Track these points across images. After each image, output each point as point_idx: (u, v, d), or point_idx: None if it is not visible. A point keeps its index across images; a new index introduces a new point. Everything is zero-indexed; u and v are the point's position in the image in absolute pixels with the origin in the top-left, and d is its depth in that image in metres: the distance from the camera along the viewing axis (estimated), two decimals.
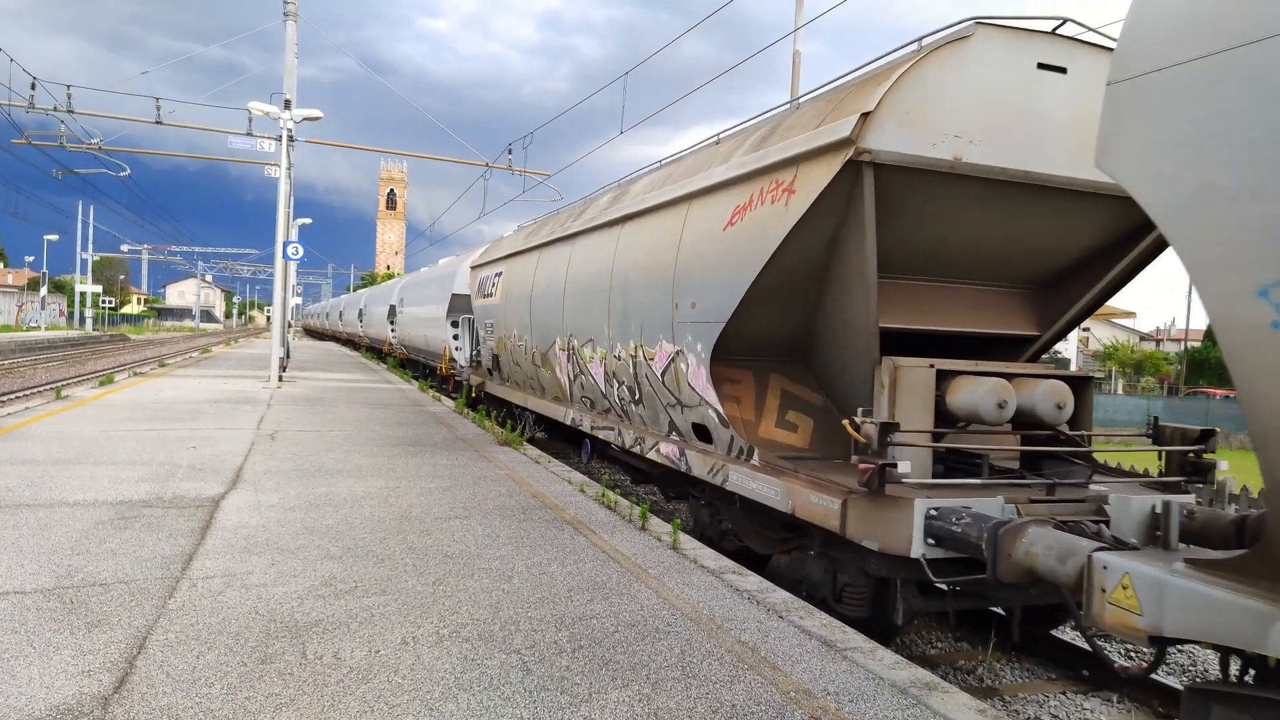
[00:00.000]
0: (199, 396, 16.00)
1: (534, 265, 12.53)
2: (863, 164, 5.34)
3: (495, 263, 15.42)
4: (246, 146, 21.12)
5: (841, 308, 6.24)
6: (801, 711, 3.67)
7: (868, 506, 5.13)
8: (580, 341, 10.28)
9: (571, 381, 10.92)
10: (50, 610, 4.43)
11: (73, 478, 7.83)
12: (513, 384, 14.66)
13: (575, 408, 11.04)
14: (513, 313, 13.54)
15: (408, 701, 3.57)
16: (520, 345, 13.25)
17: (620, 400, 9.32)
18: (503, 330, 14.40)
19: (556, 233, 11.66)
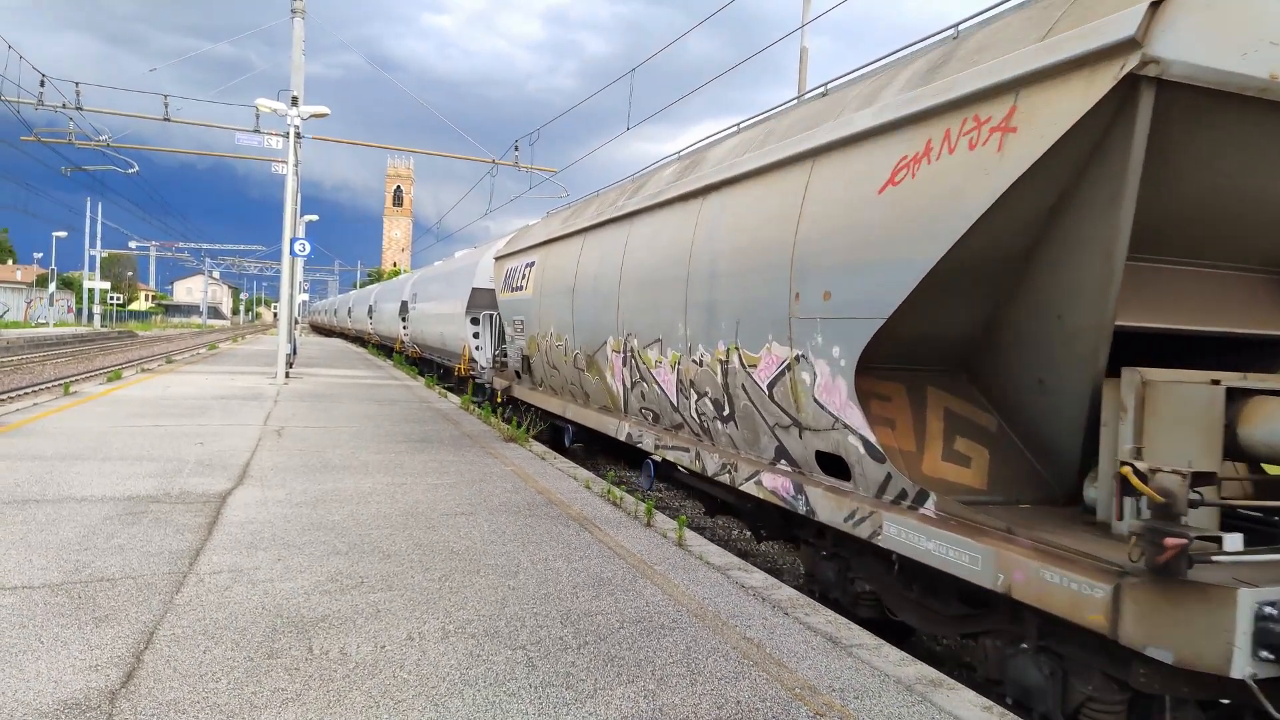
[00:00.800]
0: (206, 392, 16.06)
1: (576, 252, 10.78)
2: (1143, 81, 3.68)
3: (525, 252, 13.62)
4: (254, 143, 21.17)
5: (1053, 298, 4.51)
6: (807, 708, 3.67)
7: (1158, 599, 3.43)
8: (642, 342, 8.57)
9: (628, 390, 9.25)
10: (58, 605, 4.45)
11: (81, 473, 7.86)
12: (547, 389, 12.86)
13: (631, 421, 9.32)
14: (548, 308, 11.87)
15: (413, 697, 3.58)
16: (558, 346, 11.53)
17: (700, 416, 7.51)
18: (535, 328, 12.68)
19: (606, 213, 9.83)
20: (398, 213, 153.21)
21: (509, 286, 14.49)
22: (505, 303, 14.76)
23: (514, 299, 14.07)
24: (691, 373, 7.51)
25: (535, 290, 12.59)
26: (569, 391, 11.67)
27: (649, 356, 8.45)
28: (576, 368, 10.88)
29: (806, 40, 15.96)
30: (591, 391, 10.59)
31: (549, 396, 12.63)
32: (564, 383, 11.78)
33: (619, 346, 9.27)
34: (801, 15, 15.85)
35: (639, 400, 9.04)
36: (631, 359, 8.90)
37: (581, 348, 10.53)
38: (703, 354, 7.25)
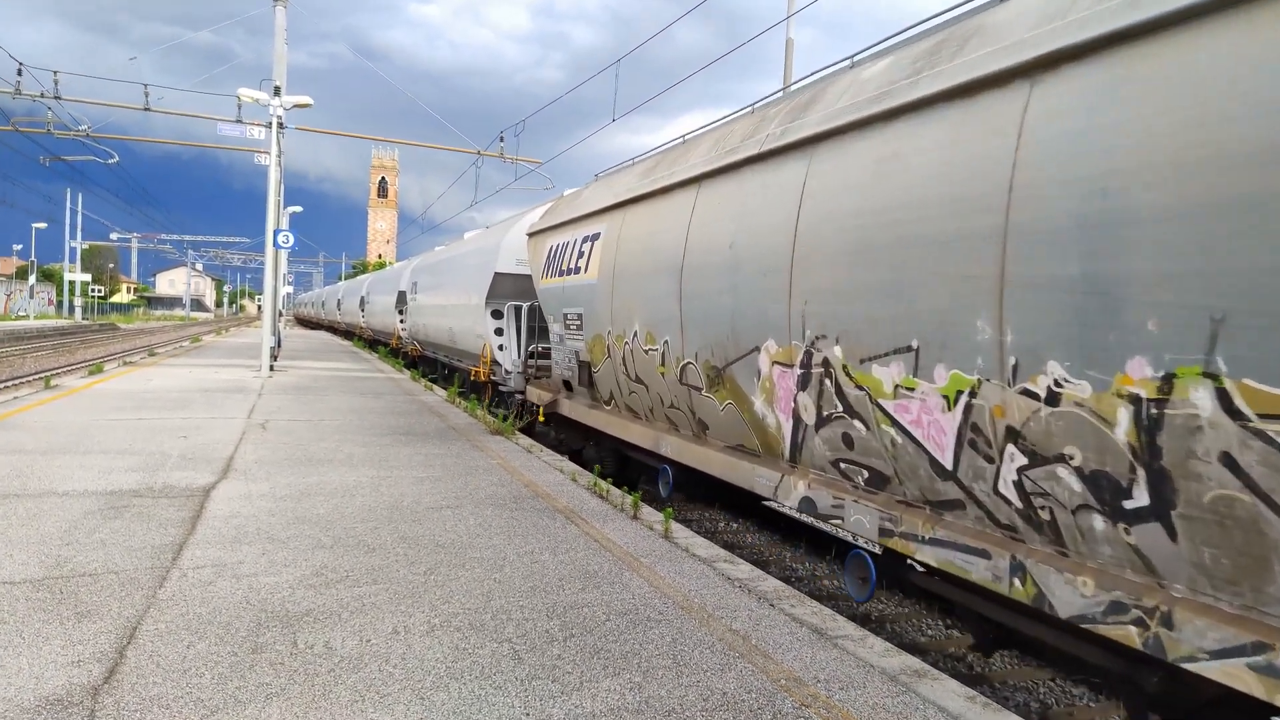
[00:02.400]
0: (189, 385, 15.94)
1: (684, 212, 7.56)
2: None
3: (581, 222, 10.41)
4: (236, 134, 20.99)
5: None
6: (792, 699, 3.69)
7: None
8: (856, 351, 5.27)
9: (806, 426, 5.96)
10: (39, 601, 4.41)
11: (62, 467, 7.79)
12: (621, 410, 9.64)
13: (811, 478, 6.05)
14: (628, 296, 8.73)
15: (399, 691, 3.58)
16: (649, 351, 8.31)
17: (1037, 494, 4.19)
18: (602, 324, 9.50)
19: (748, 147, 6.59)
20: (383, 204, 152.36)
21: (554, 269, 11.08)
22: (549, 291, 11.31)
23: (563, 285, 10.68)
24: (1017, 413, 4.18)
25: (602, 272, 9.38)
26: (666, 418, 8.42)
27: (875, 377, 5.12)
28: (686, 384, 7.66)
29: (792, 32, 15.95)
30: (715, 421, 7.36)
31: (627, 421, 9.40)
32: (655, 404, 8.54)
33: (790, 356, 5.99)
34: (787, 7, 15.84)
35: (833, 446, 5.70)
36: (824, 378, 5.63)
37: (697, 355, 7.32)
38: (1062, 380, 3.92)
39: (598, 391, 10.15)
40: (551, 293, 11.20)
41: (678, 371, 7.76)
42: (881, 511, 5.29)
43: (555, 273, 11.06)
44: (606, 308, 9.32)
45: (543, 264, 11.66)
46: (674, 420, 8.27)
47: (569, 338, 10.75)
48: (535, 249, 12.27)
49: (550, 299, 11.29)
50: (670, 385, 8.01)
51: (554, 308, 11.15)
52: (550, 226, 11.54)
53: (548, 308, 11.48)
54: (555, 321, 11.20)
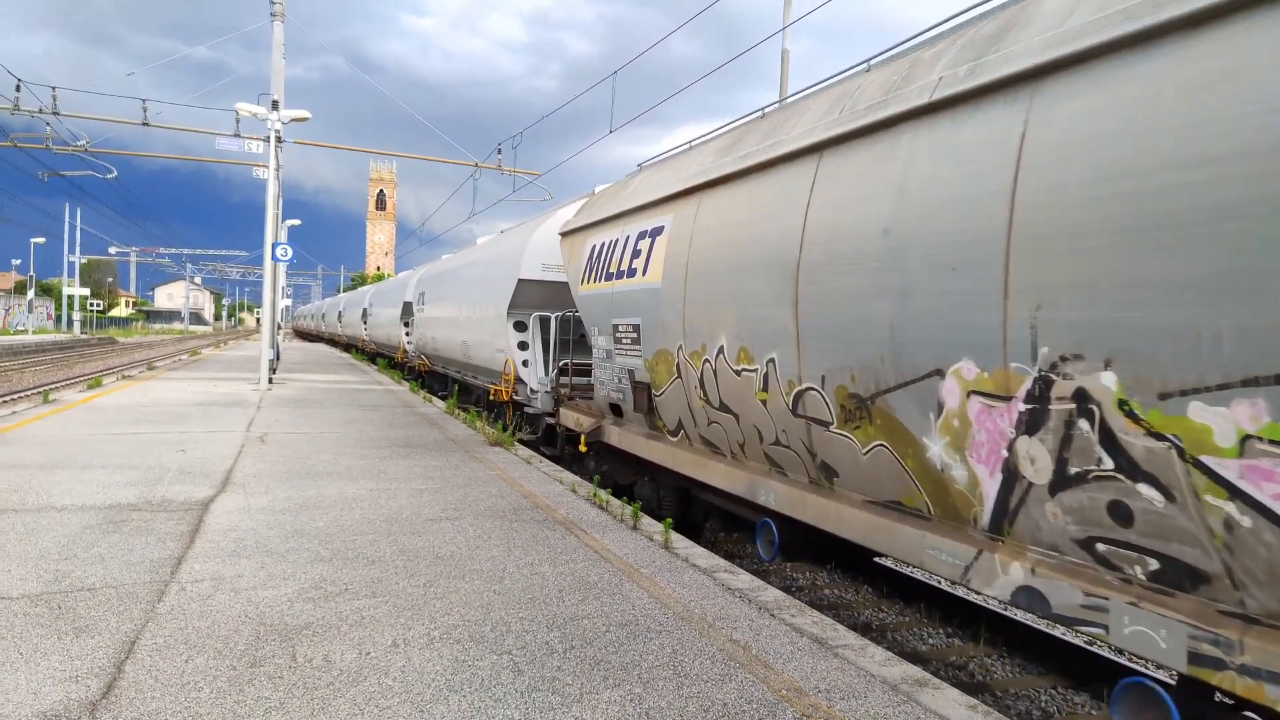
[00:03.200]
0: (188, 399, 15.92)
1: (798, 193, 5.85)
2: None
3: (635, 215, 8.67)
4: (234, 148, 21.05)
5: None
6: (793, 710, 3.68)
7: None
8: (1151, 386, 3.54)
9: (1028, 486, 4.23)
10: (37, 616, 4.39)
11: (60, 482, 7.77)
12: (697, 444, 7.78)
13: (1032, 561, 4.27)
14: (706, 302, 7.01)
15: (398, 704, 3.56)
16: (740, 372, 6.59)
17: None
18: (667, 336, 7.78)
19: (920, 95, 4.87)
20: (381, 216, 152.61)
21: (599, 273, 9.31)
22: (592, 298, 9.50)
23: (612, 291, 8.91)
24: None
25: (669, 273, 7.64)
26: (765, 457, 6.58)
27: (1195, 422, 3.39)
28: (803, 416, 5.85)
29: (788, 42, 16.03)
30: (852, 468, 5.55)
31: (702, 457, 7.53)
32: (748, 439, 6.72)
33: (1005, 384, 4.25)
34: (783, 17, 15.93)
35: (1087, 519, 3.93)
36: (1075, 419, 3.90)
37: (824, 379, 5.56)
38: None
39: (659, 419, 8.31)
40: (595, 300, 9.36)
41: (788, 399, 5.90)
42: (1194, 626, 3.46)
43: (600, 276, 9.28)
44: (676, 317, 7.53)
45: (582, 267, 9.77)
46: (778, 461, 6.35)
47: (620, 353, 8.86)
48: (572, 250, 10.44)
49: (593, 307, 9.46)
50: (776, 416, 6.13)
51: (599, 317, 9.30)
52: (592, 223, 9.77)
53: (590, 317, 9.65)
54: (601, 334, 9.34)
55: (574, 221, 10.54)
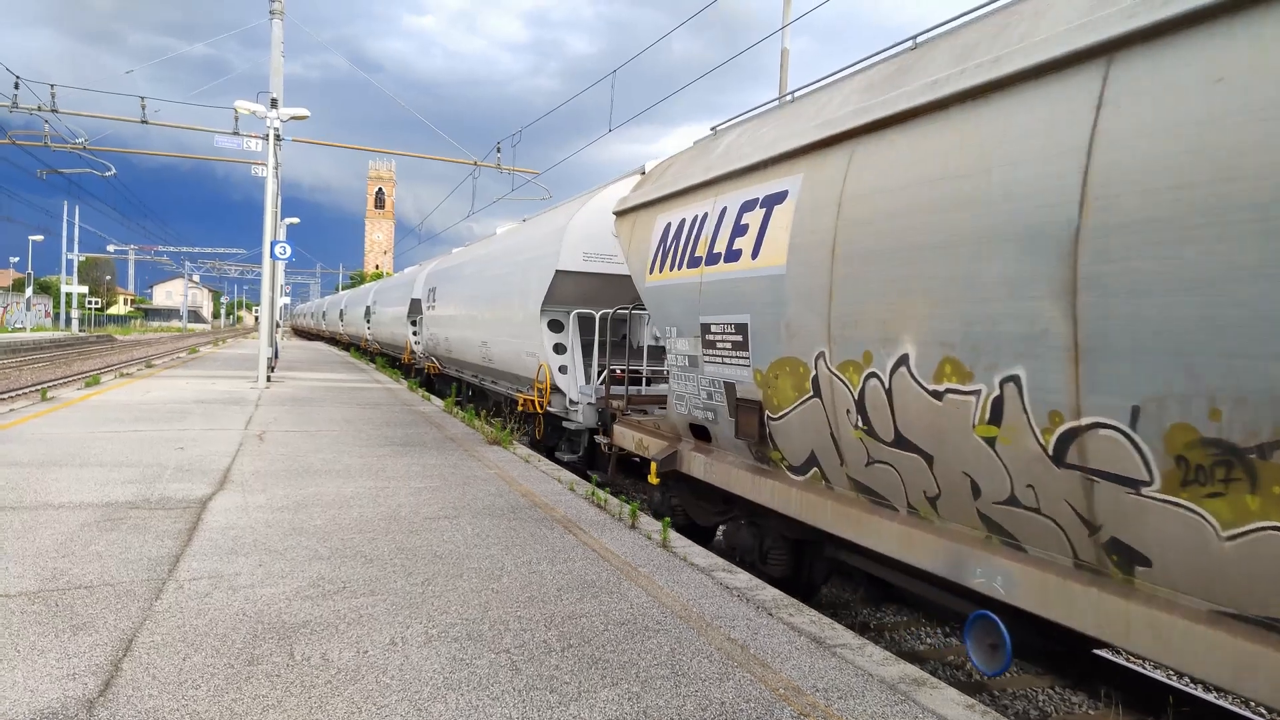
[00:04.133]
0: (186, 397, 15.91)
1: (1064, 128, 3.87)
2: None
3: (734, 180, 6.67)
4: (233, 146, 21.03)
5: None
6: (791, 709, 3.68)
7: None
8: None
9: None
10: (35, 613, 4.39)
11: (58, 480, 7.77)
12: (836, 487, 5.71)
13: None
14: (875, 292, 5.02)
15: (396, 702, 3.56)
16: (943, 394, 4.49)
17: None
18: (797, 339, 5.77)
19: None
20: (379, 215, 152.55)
21: (677, 257, 7.34)
22: (668, 290, 7.49)
23: (703, 281, 6.87)
24: None
25: (801, 254, 5.66)
26: (981, 519, 4.51)
27: None
28: (1078, 467, 3.83)
29: (788, 41, 16.02)
30: (1180, 558, 3.52)
31: (859, 510, 5.39)
32: (946, 490, 4.68)
33: None
34: (783, 16, 15.93)
35: None
36: None
37: (1139, 411, 3.53)
38: None
39: (775, 449, 6.18)
40: (672, 293, 7.31)
41: (1048, 440, 3.89)
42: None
43: (678, 262, 7.22)
44: (814, 314, 5.50)
45: (650, 252, 7.74)
46: (1010, 529, 4.29)
47: (713, 360, 6.79)
48: (633, 232, 8.35)
49: (669, 302, 7.40)
50: (1017, 463, 4.09)
51: (679, 314, 7.24)
52: (663, 196, 7.64)
53: (663, 314, 7.57)
54: (682, 336, 7.28)
55: (636, 196, 8.34)
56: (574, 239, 11.21)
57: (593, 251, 11.20)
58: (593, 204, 11.22)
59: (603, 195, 11.00)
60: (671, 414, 7.77)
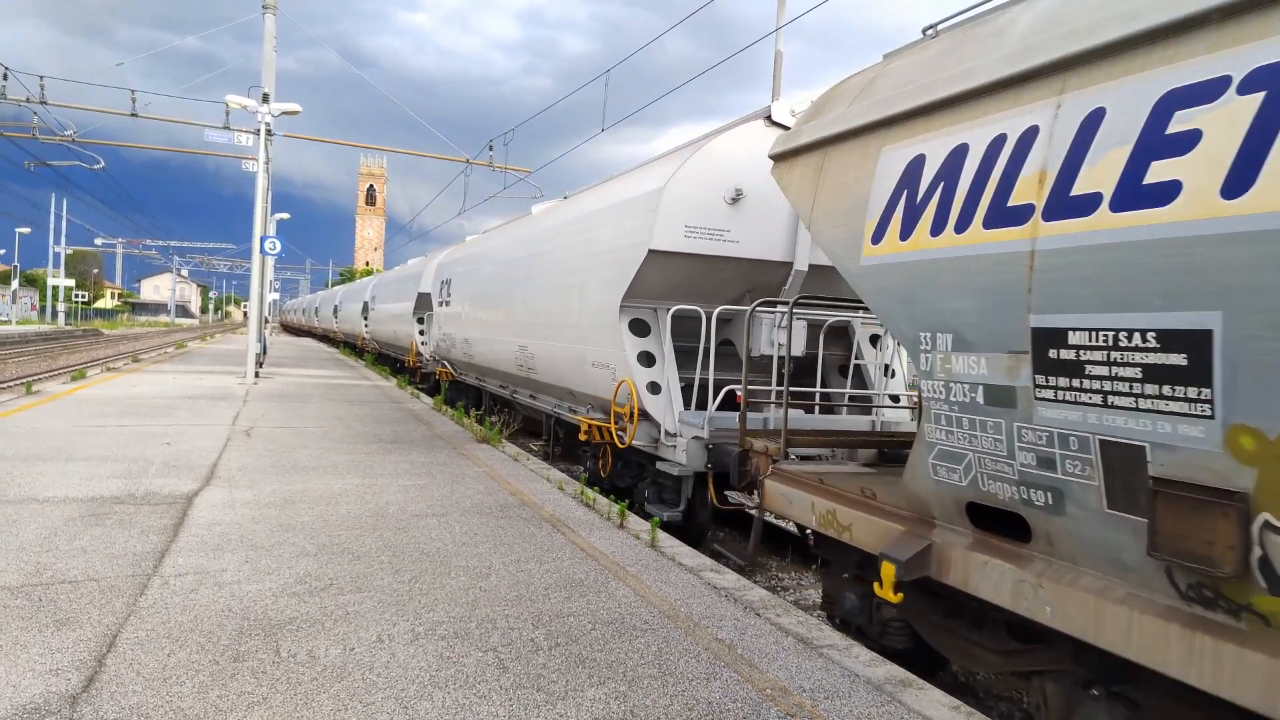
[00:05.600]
0: (173, 392, 15.81)
1: None
2: None
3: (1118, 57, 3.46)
4: (224, 140, 20.91)
5: None
6: (777, 709, 3.68)
7: None
8: None
9: None
10: (18, 608, 4.35)
11: (43, 474, 7.71)
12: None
13: None
14: None
15: (382, 700, 3.55)
16: None
17: None
18: None
19: None
20: (370, 211, 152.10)
21: (935, 213, 4.30)
22: (906, 270, 4.49)
23: (1046, 250, 3.68)
24: None
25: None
26: None
27: None
28: None
29: (781, 44, 16.06)
30: None
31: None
32: None
33: None
34: (776, 18, 15.96)
35: None
36: None
37: None
38: None
39: None
40: (945, 273, 4.26)
41: None
42: None
43: (962, 220, 4.20)
44: None
45: (876, 207, 4.75)
46: None
47: (1070, 399, 3.68)
48: (824, 179, 5.26)
49: (929, 289, 4.37)
50: None
51: (958, 311, 4.21)
52: (908, 112, 4.60)
53: (909, 311, 4.55)
54: (964, 350, 4.21)
55: (829, 121, 5.22)
56: (674, 207, 8.05)
57: (699, 225, 8.12)
58: (700, 160, 8.19)
59: (713, 148, 8.29)
60: (916, 480, 4.53)
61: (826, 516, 5.25)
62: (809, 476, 5.58)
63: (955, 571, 4.27)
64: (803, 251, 8.45)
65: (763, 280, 8.57)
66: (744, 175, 8.10)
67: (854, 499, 5.10)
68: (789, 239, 8.43)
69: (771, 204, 8.13)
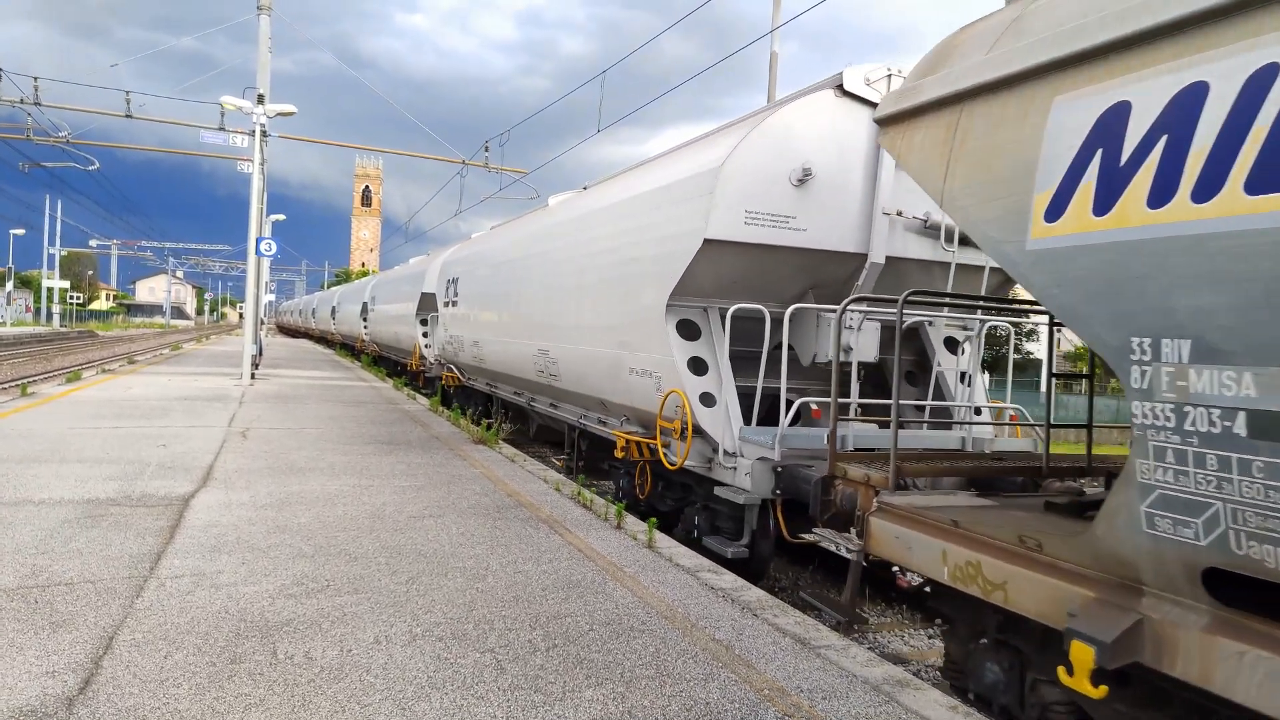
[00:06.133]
0: (169, 394, 15.78)
1: None
2: None
3: None
4: (219, 141, 20.89)
5: None
6: (775, 709, 3.68)
7: None
8: None
9: None
10: (14, 610, 4.34)
11: (38, 476, 7.68)
12: None
13: None
14: None
15: (380, 701, 3.54)
16: None
17: None
18: None
19: None
20: (366, 213, 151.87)
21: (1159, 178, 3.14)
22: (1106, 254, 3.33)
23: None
24: None
25: None
26: None
27: None
28: None
29: (777, 45, 16.07)
30: None
31: None
32: None
33: None
34: (771, 19, 15.98)
35: None
36: None
37: None
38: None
39: None
40: (1173, 255, 3.08)
41: None
42: None
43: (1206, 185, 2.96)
44: None
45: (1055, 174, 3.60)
46: None
47: None
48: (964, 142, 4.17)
49: (1148, 279, 3.17)
50: None
51: (1196, 308, 3.01)
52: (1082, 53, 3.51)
53: (1111, 309, 3.35)
54: (1207, 362, 2.99)
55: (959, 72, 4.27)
56: (733, 190, 6.95)
57: (761, 211, 7.05)
58: (762, 136, 7.07)
59: (776, 121, 7.18)
60: (1116, 532, 3.43)
61: (966, 570, 4.09)
62: (934, 516, 4.43)
63: (1185, 661, 3.14)
64: (878, 241, 7.40)
65: (829, 274, 7.58)
66: (812, 153, 7.10)
67: (1008, 550, 3.91)
68: (862, 227, 7.41)
69: (843, 186, 7.29)
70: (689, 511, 7.91)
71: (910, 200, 7.41)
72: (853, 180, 7.26)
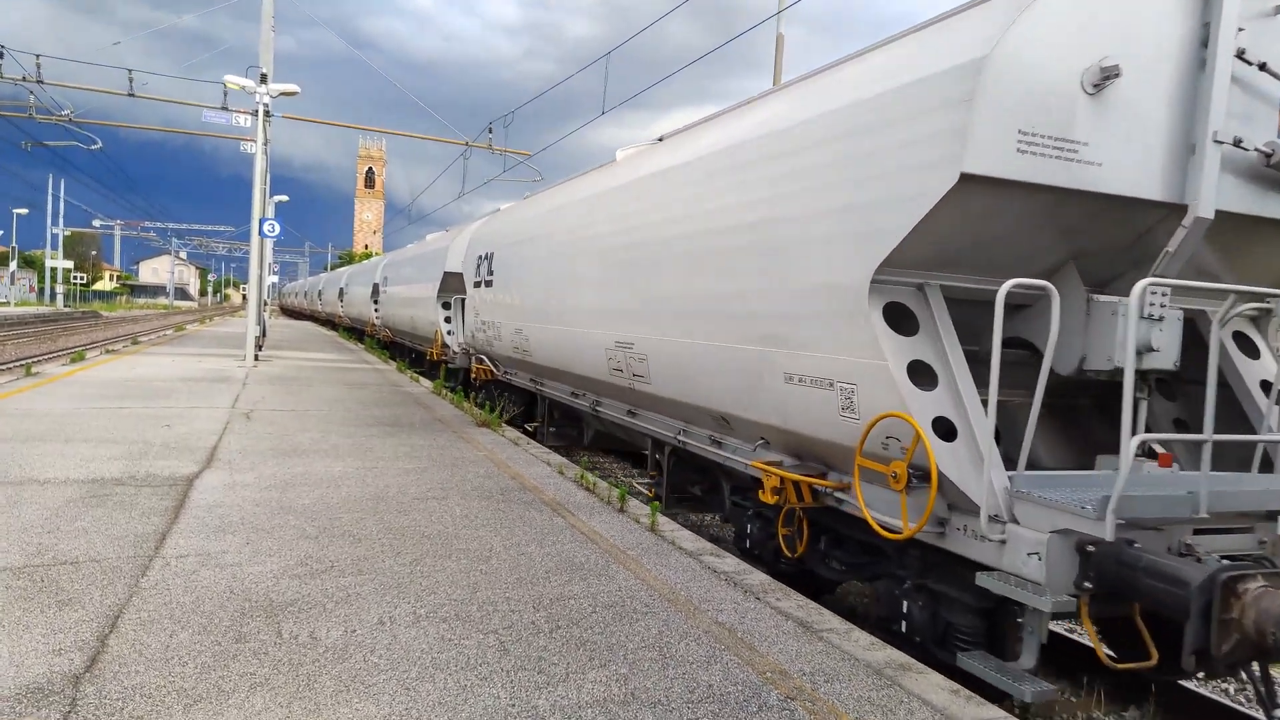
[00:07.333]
0: (173, 375, 15.80)
1: None
2: None
3: None
4: (222, 121, 20.82)
5: None
6: (778, 692, 3.70)
7: None
8: None
9: None
10: (20, 589, 4.36)
11: (43, 455, 7.71)
12: None
13: None
14: None
15: (384, 681, 3.56)
16: None
17: None
18: None
19: None
20: (369, 194, 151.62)
21: None
22: None
23: None
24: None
25: None
26: None
27: None
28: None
29: (783, 27, 15.95)
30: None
31: None
32: None
33: None
34: (778, 2, 15.84)
35: None
36: None
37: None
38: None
39: None
40: None
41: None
42: None
43: None
44: None
45: None
46: None
47: None
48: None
49: None
50: None
51: None
52: None
53: None
54: None
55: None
56: (1007, 94, 4.31)
57: (1040, 134, 4.41)
58: (1044, 13, 4.34)
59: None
60: None
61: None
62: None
63: None
64: (1208, 185, 4.66)
65: (1109, 236, 4.99)
66: (1115, 42, 4.50)
67: None
68: (1175, 162, 4.73)
69: (1151, 97, 4.64)
70: (884, 586, 5.38)
71: (1255, 122, 4.77)
72: (1161, 87, 4.66)
